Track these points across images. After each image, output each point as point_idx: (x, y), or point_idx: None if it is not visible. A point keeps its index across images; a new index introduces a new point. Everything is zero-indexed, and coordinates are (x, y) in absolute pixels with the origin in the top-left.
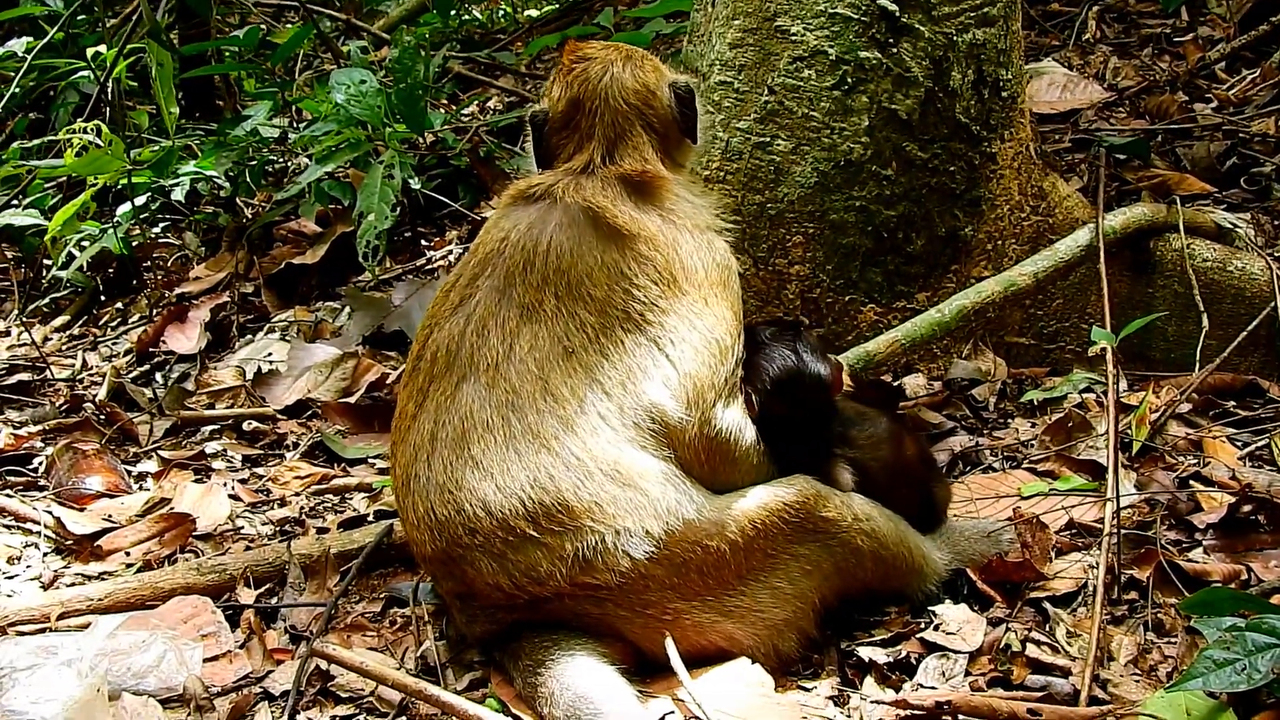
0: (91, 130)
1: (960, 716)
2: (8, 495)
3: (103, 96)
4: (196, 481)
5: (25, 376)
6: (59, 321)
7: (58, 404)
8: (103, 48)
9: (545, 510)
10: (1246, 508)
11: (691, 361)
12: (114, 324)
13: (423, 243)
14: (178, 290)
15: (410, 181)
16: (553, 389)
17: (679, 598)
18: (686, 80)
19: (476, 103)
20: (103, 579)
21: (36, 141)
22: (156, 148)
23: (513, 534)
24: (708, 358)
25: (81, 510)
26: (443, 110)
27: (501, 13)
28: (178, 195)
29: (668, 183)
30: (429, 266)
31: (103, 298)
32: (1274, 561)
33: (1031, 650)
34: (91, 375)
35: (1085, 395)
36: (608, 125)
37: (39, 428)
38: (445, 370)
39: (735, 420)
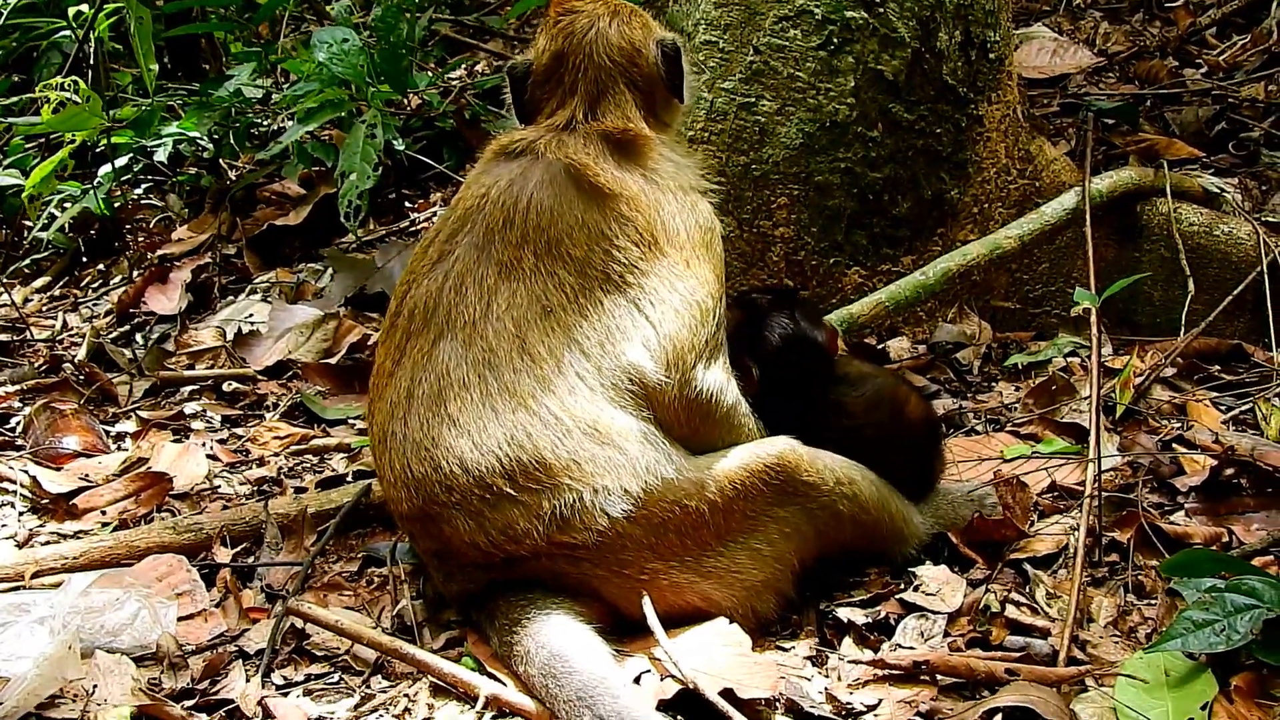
0: (69, 86)
1: (938, 676)
2: None
3: (83, 55)
4: (175, 441)
5: (4, 337)
6: (40, 283)
7: (37, 364)
8: (84, 6)
9: (522, 468)
10: (1229, 471)
11: (671, 323)
12: (95, 285)
13: (406, 205)
14: (160, 251)
15: (394, 143)
16: (530, 348)
17: (656, 558)
18: (674, 37)
19: (464, 66)
20: (78, 538)
21: (15, 99)
22: (136, 107)
23: (489, 491)
24: (688, 319)
25: (58, 469)
26: (429, 73)
27: None
28: (160, 156)
29: (651, 142)
30: (413, 228)
31: (84, 259)
32: (1255, 524)
33: (1011, 611)
34: (71, 336)
35: (1070, 359)
36: (590, 81)
37: (17, 387)
38: (422, 327)
39: (716, 381)
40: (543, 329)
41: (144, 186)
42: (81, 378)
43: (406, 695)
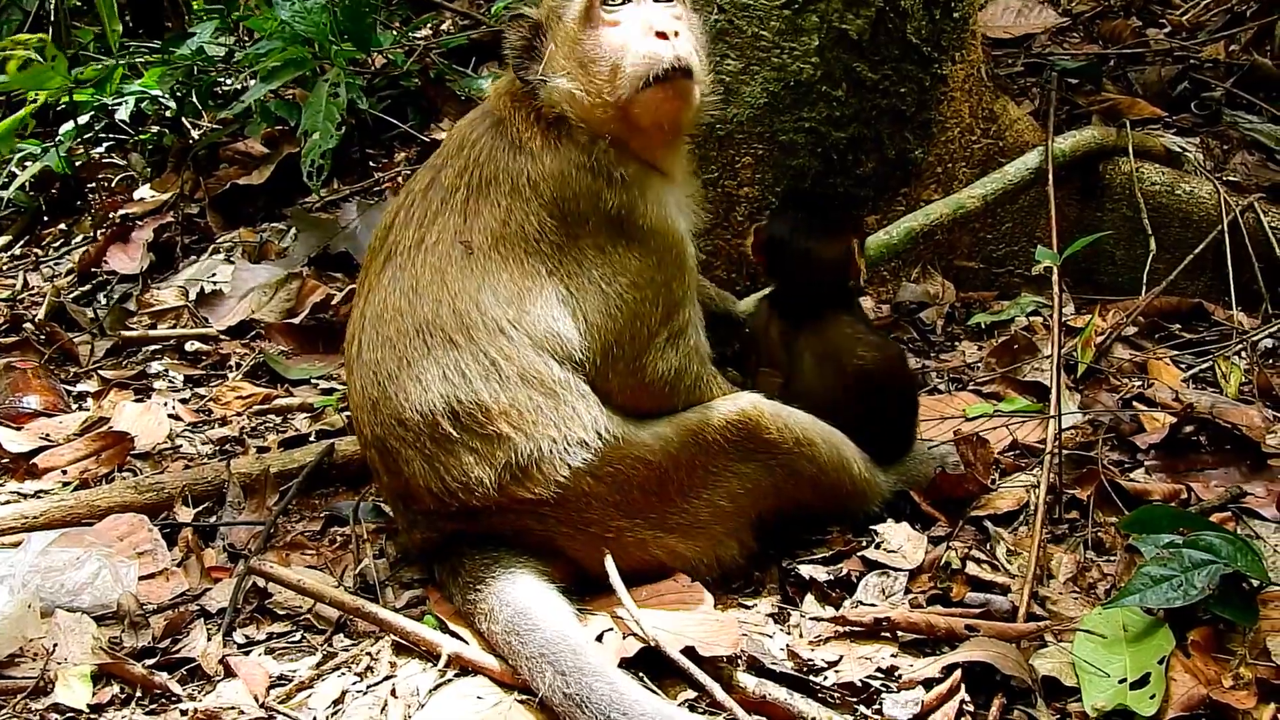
0: (35, 44)
1: (899, 633)
2: None
3: (44, 13)
4: (136, 401)
5: None
6: (0, 241)
7: None
8: None
9: (464, 408)
10: (1188, 428)
11: (595, 309)
12: (56, 244)
13: (370, 164)
14: (121, 211)
15: (357, 102)
16: (448, 283)
17: (621, 515)
18: (533, 14)
19: (429, 25)
20: (38, 497)
21: None
22: (99, 65)
23: (437, 431)
24: (614, 309)
25: (19, 429)
26: (393, 31)
27: None
28: (122, 115)
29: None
30: (377, 188)
31: (45, 218)
32: (1214, 481)
33: (971, 568)
34: (32, 295)
35: (1032, 318)
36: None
37: None
38: (379, 249)
39: (670, 366)
40: (460, 268)
41: (106, 145)
42: (42, 337)
43: (369, 654)
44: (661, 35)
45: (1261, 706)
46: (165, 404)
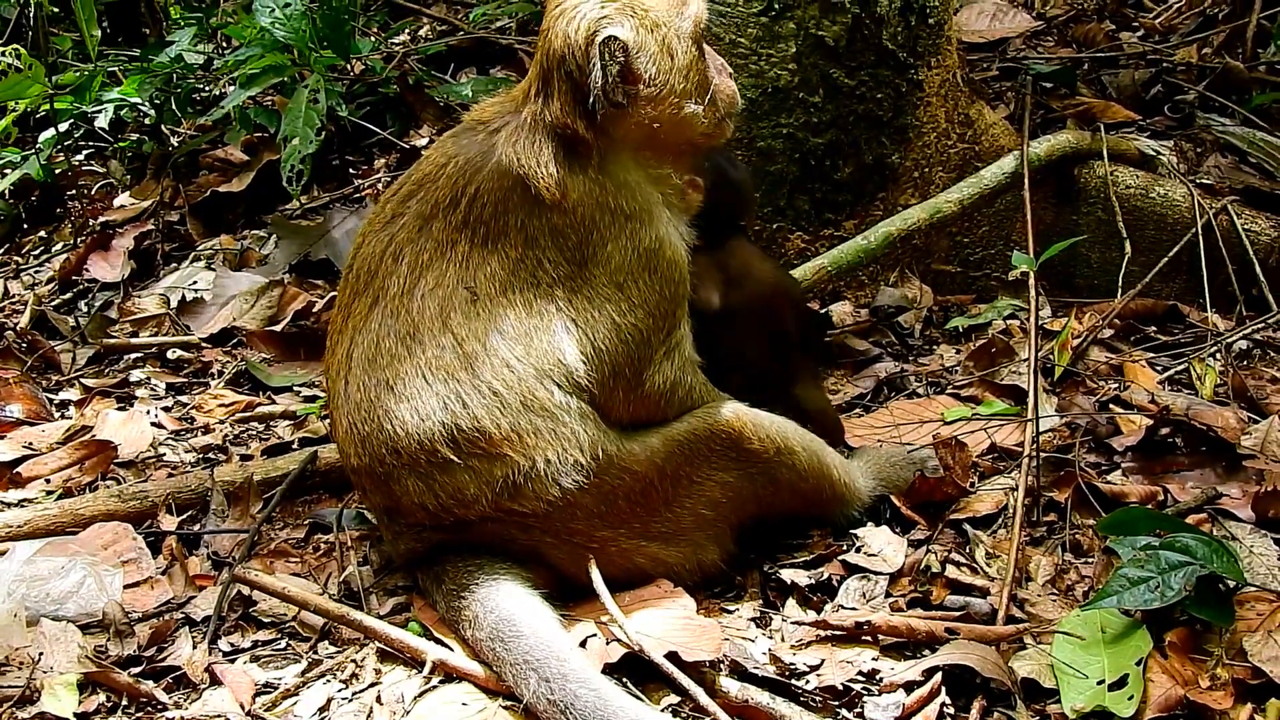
0: (11, 54)
1: (880, 637)
2: None
3: (24, 21)
4: (119, 409)
5: None
6: None
7: None
8: None
9: (464, 435)
10: (1164, 430)
11: (604, 340)
12: (37, 252)
13: (351, 171)
14: (102, 218)
15: (337, 108)
16: (453, 328)
17: (605, 526)
18: (627, 38)
19: (408, 30)
20: (22, 506)
21: None
22: (78, 73)
23: (435, 456)
24: (625, 337)
25: (1, 438)
26: (372, 38)
27: None
28: (102, 122)
29: (596, 148)
30: (357, 195)
31: (25, 226)
32: (1190, 483)
33: (951, 571)
34: (13, 303)
35: (1010, 321)
36: (543, 61)
37: None
38: (363, 290)
39: (666, 379)
40: (466, 313)
41: (85, 153)
42: (24, 345)
43: (353, 661)
44: (730, 75)
45: (1238, 706)
46: (148, 412)
